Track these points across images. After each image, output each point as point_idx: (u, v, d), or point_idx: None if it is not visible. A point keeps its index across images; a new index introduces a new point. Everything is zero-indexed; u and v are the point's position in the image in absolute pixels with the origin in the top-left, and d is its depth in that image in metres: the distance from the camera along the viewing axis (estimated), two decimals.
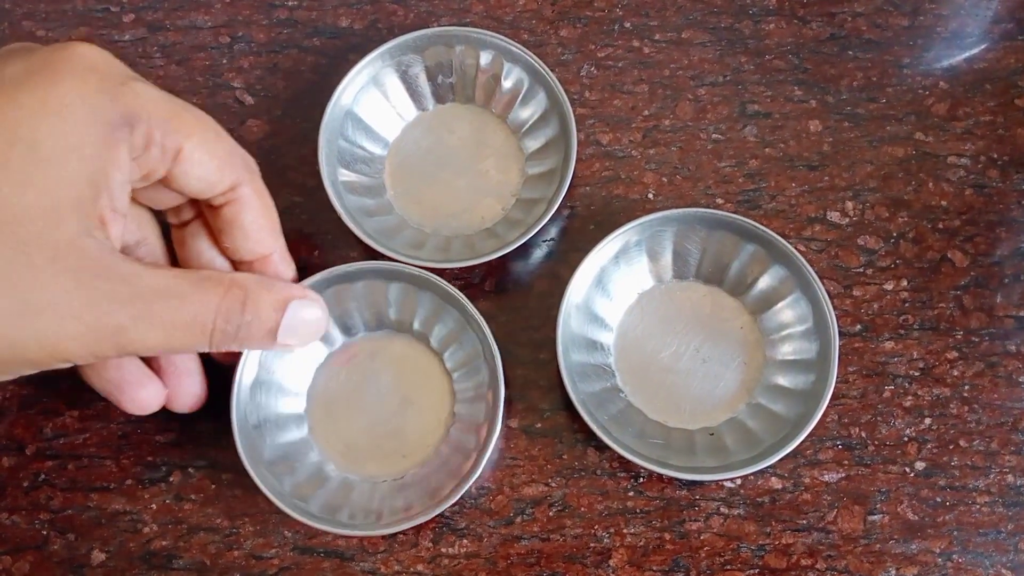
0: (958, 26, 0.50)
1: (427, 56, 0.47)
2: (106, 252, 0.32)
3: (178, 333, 0.34)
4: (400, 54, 0.47)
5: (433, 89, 0.48)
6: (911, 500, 0.43)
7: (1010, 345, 0.45)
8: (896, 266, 0.46)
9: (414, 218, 0.47)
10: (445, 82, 0.48)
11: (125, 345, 0.33)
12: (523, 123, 0.48)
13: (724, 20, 0.51)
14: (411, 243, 0.46)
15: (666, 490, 0.43)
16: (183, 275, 0.35)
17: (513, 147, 0.48)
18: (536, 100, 0.47)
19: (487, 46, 0.47)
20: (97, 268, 0.32)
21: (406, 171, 0.48)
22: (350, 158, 0.46)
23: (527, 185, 0.47)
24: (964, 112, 0.48)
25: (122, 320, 0.32)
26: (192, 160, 0.35)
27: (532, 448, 0.44)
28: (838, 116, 0.49)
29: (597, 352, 0.45)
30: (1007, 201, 0.47)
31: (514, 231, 0.44)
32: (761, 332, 0.45)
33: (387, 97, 0.48)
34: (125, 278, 0.32)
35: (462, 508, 0.43)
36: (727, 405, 0.44)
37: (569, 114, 0.45)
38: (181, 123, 0.35)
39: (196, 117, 0.36)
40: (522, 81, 0.47)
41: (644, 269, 0.45)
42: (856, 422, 0.44)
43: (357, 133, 0.47)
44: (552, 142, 0.46)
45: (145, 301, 0.33)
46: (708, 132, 0.49)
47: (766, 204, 0.47)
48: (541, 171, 0.47)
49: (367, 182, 0.47)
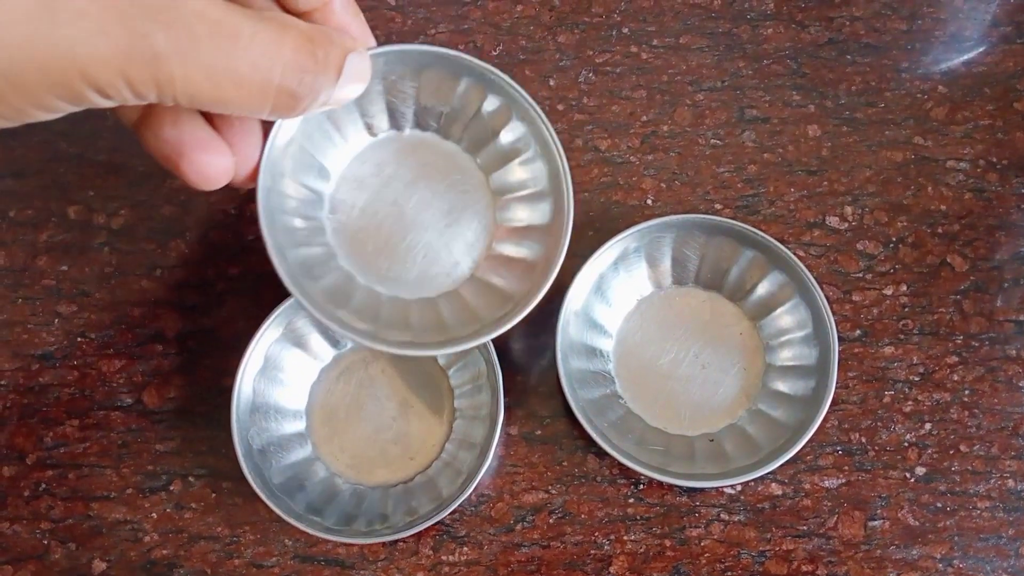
0: (956, 30, 0.50)
1: (424, 77, 0.39)
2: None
3: (230, 84, 0.28)
4: (392, 66, 0.38)
5: (415, 113, 0.40)
6: (912, 505, 0.43)
7: (1010, 350, 0.45)
8: (895, 271, 0.46)
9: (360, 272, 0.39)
10: (431, 110, 0.40)
11: (163, 81, 0.27)
12: (511, 188, 0.41)
13: (722, 25, 0.51)
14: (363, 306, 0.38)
15: (666, 496, 0.43)
16: (243, 12, 0.28)
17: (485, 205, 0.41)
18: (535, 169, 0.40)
19: (496, 90, 0.39)
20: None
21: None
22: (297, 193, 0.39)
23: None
24: (963, 116, 0.48)
25: (160, 47, 0.26)
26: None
27: (532, 455, 0.44)
28: (837, 121, 0.48)
29: (596, 359, 0.44)
30: (1006, 205, 0.47)
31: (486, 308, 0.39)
32: (760, 338, 0.45)
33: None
34: (172, 3, 0.27)
35: (462, 515, 0.43)
36: (727, 411, 0.44)
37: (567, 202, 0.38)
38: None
39: None
40: (526, 143, 0.40)
41: (643, 275, 0.45)
42: (856, 427, 0.44)
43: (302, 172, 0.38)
44: (536, 229, 0.40)
45: (191, 32, 0.27)
46: (706, 137, 0.49)
47: (765, 209, 0.47)
48: (511, 255, 0.40)
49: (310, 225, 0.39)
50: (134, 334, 0.46)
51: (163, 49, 0.26)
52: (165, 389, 0.45)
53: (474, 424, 0.43)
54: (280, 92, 0.29)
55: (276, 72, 0.28)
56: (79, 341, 0.46)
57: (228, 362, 0.44)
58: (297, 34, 0.29)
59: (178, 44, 0.26)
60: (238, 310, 0.46)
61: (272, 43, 0.28)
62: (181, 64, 0.26)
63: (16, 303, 0.46)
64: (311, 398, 0.44)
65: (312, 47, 0.29)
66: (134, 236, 0.47)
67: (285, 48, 0.28)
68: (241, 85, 0.28)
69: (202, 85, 0.27)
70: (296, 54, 0.28)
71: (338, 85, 0.31)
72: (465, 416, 0.43)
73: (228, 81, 0.27)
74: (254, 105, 0.29)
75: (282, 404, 0.43)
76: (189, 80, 0.27)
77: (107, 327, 0.46)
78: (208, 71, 0.27)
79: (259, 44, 0.28)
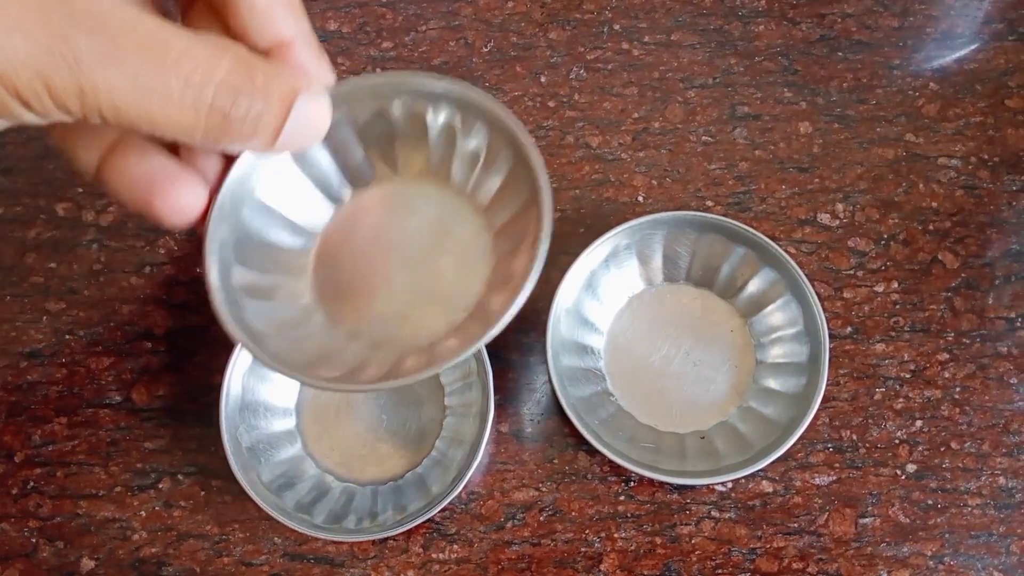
0: (948, 27, 0.50)
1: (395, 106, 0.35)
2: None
3: (158, 98, 0.25)
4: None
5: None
6: (902, 503, 0.43)
7: (1001, 347, 0.45)
8: (887, 268, 0.46)
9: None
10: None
11: (85, 89, 0.25)
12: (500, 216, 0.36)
13: (713, 22, 0.50)
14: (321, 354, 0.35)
15: (657, 494, 0.43)
16: (177, 29, 0.26)
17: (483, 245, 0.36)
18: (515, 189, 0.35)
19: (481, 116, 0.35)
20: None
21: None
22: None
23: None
24: (954, 113, 0.48)
25: (82, 51, 0.24)
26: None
27: (522, 452, 0.44)
28: (828, 118, 0.48)
29: (587, 356, 0.44)
30: (997, 202, 0.47)
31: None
32: (751, 335, 0.45)
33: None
34: (95, 10, 0.25)
35: (452, 513, 0.43)
36: (718, 409, 0.44)
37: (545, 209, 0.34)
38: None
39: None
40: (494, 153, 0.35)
41: (634, 272, 0.45)
42: (847, 425, 0.44)
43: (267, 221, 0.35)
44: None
45: (115, 42, 0.25)
46: (698, 134, 0.48)
47: (756, 206, 0.47)
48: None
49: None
50: (123, 332, 0.46)
51: (85, 54, 0.25)
52: (154, 387, 0.45)
53: (464, 421, 0.43)
54: (212, 112, 0.26)
55: (209, 90, 0.26)
56: (68, 339, 0.46)
57: (217, 359, 0.44)
58: (235, 55, 0.27)
59: (102, 50, 0.25)
60: None
61: (206, 60, 0.26)
62: (104, 72, 0.25)
63: (4, 300, 0.46)
64: (301, 395, 0.44)
65: (252, 71, 0.27)
66: (123, 233, 0.47)
67: (221, 67, 0.26)
68: (170, 100, 0.26)
69: (128, 96, 0.25)
70: (231, 75, 0.26)
71: (288, 126, 0.28)
72: (455, 413, 0.43)
73: (156, 95, 0.25)
74: (184, 124, 0.26)
75: (272, 402, 0.43)
76: (114, 90, 0.25)
77: (96, 324, 0.46)
78: (134, 81, 0.25)
79: (191, 60, 0.26)
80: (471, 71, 0.50)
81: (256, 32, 0.30)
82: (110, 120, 0.26)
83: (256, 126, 0.28)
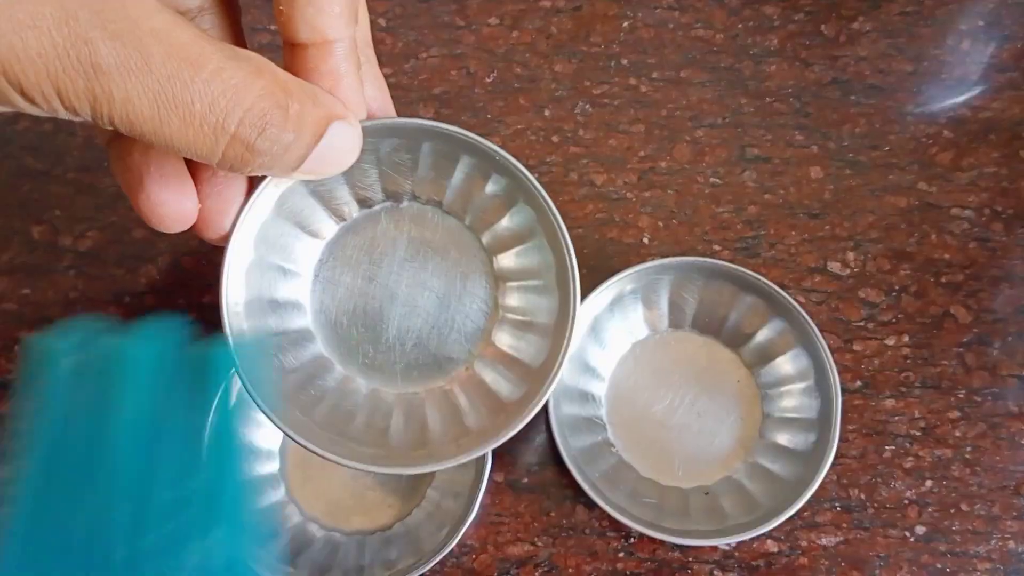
0: (962, 73, 0.49)
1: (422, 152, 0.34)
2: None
3: (177, 119, 0.24)
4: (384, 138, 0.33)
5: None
6: (911, 566, 0.41)
7: (1012, 406, 0.43)
8: (898, 321, 0.44)
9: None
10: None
11: (99, 98, 0.23)
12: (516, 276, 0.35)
13: (724, 60, 0.49)
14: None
15: (658, 551, 0.41)
16: (215, 44, 0.24)
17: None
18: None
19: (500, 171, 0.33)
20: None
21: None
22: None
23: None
24: (968, 163, 0.47)
25: (103, 57, 0.22)
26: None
27: (518, 504, 0.42)
28: (840, 163, 0.47)
29: (588, 404, 0.43)
30: (1011, 256, 0.46)
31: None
32: (759, 387, 0.43)
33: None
34: (128, 12, 0.23)
35: (443, 567, 0.41)
36: (723, 463, 0.42)
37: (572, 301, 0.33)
38: None
39: None
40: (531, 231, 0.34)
41: (639, 318, 0.44)
42: (855, 483, 0.42)
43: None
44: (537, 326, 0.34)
45: (144, 49, 0.23)
46: (706, 175, 0.47)
47: (765, 252, 0.45)
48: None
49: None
50: None
51: (106, 61, 0.22)
52: None
53: (459, 470, 0.41)
54: (235, 141, 0.24)
55: (235, 117, 0.24)
56: None
57: None
58: (273, 81, 0.25)
59: (126, 59, 0.23)
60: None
61: (240, 83, 0.24)
62: (123, 83, 0.23)
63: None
64: (285, 438, 0.42)
65: (287, 99, 0.25)
66: (102, 260, 0.45)
67: (252, 92, 0.24)
68: (190, 123, 0.24)
69: (144, 112, 0.23)
70: (264, 102, 0.24)
71: (314, 154, 0.27)
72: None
73: (176, 115, 0.24)
74: (201, 149, 0.25)
75: (255, 443, 0.41)
76: (130, 104, 0.23)
77: None
78: (155, 98, 0.23)
79: (223, 81, 0.24)
80: (472, 102, 0.48)
81: (304, 24, 0.27)
82: (121, 130, 0.24)
83: (281, 157, 0.26)
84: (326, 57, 0.28)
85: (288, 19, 0.27)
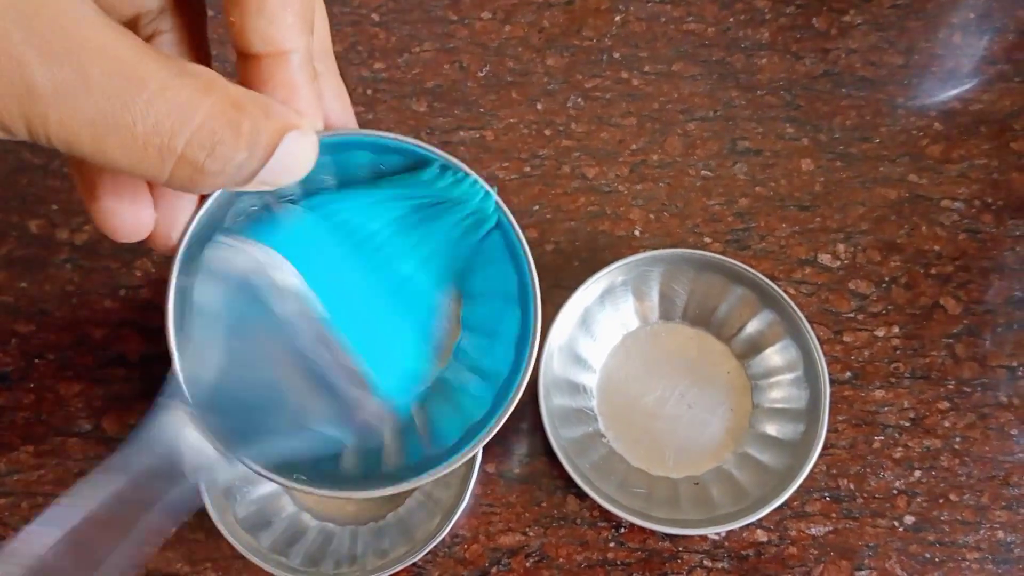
0: (953, 66, 0.49)
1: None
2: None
3: (119, 140, 0.22)
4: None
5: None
6: (899, 555, 0.41)
7: (1002, 396, 0.44)
8: (888, 312, 0.45)
9: None
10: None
11: (33, 121, 0.21)
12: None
13: (715, 53, 0.49)
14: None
15: (648, 541, 0.41)
16: (162, 58, 0.22)
17: None
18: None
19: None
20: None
21: None
22: None
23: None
24: (958, 155, 0.47)
25: (37, 80, 0.21)
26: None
27: (509, 495, 0.42)
28: (830, 155, 0.47)
29: (579, 395, 0.43)
30: (1001, 247, 0.46)
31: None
32: (748, 378, 0.43)
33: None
34: (65, 28, 0.21)
35: (435, 557, 0.41)
36: (713, 454, 0.42)
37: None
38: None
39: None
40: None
41: (630, 310, 0.44)
42: (844, 473, 0.42)
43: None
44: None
45: (82, 71, 0.21)
46: (697, 168, 0.47)
47: (755, 244, 0.46)
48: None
49: None
50: (95, 356, 0.44)
51: (41, 83, 0.21)
52: (126, 415, 0.43)
53: None
54: (183, 163, 0.23)
55: (182, 138, 0.22)
56: (36, 362, 0.44)
57: None
58: (223, 97, 0.23)
59: (62, 80, 0.21)
60: None
61: (186, 101, 0.22)
62: (60, 106, 0.21)
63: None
64: None
65: (239, 116, 0.23)
66: (98, 253, 0.45)
67: (200, 110, 0.22)
68: (133, 145, 0.22)
69: (83, 135, 0.21)
70: (213, 121, 0.23)
71: (268, 166, 0.25)
72: None
73: (116, 137, 0.22)
74: (148, 171, 0.23)
75: None
76: (65, 128, 0.21)
77: (66, 348, 0.44)
78: (92, 120, 0.21)
79: (167, 100, 0.22)
80: (465, 96, 0.48)
81: (256, 35, 0.26)
82: (61, 151, 0.22)
83: (232, 177, 0.24)
84: (280, 68, 0.27)
85: (240, 30, 0.26)
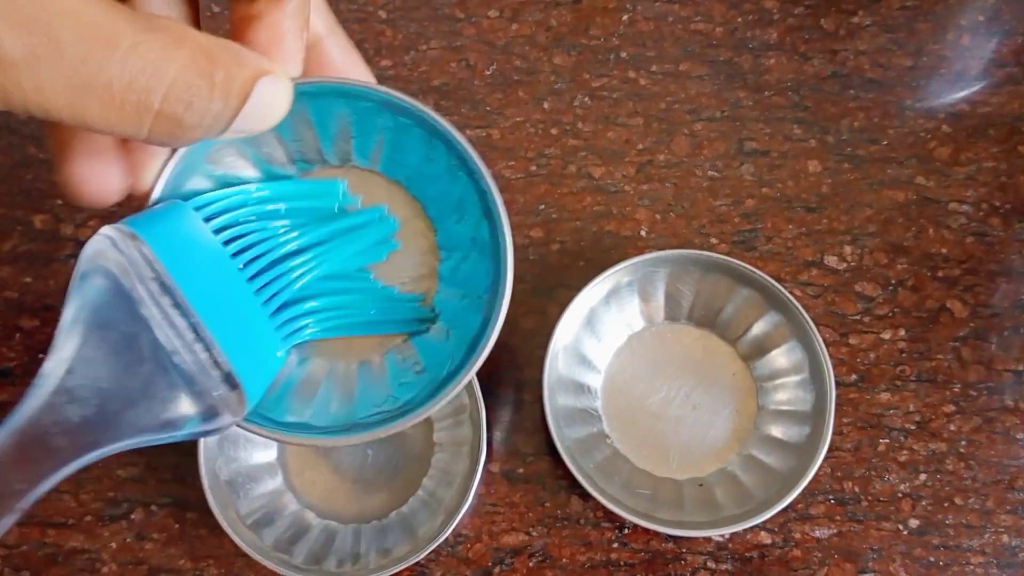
0: (962, 68, 0.49)
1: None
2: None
3: (96, 101, 0.22)
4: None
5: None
6: (904, 559, 0.41)
7: (1008, 400, 0.43)
8: (894, 315, 0.45)
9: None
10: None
11: (9, 88, 0.22)
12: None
13: (723, 53, 0.49)
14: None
15: (652, 542, 0.41)
16: (130, 15, 0.23)
17: None
18: None
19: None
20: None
21: None
22: None
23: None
24: (966, 157, 0.47)
25: (8, 48, 0.21)
26: None
27: (513, 494, 0.42)
28: (838, 157, 0.47)
29: (584, 395, 0.43)
30: (1008, 251, 0.46)
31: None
32: (754, 379, 0.43)
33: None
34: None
35: (438, 556, 0.41)
36: (717, 455, 0.42)
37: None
38: None
39: None
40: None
41: (635, 310, 0.44)
42: (849, 476, 0.42)
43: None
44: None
45: (52, 35, 0.21)
46: (704, 169, 0.47)
47: (762, 246, 0.46)
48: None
49: None
50: None
51: (12, 53, 0.21)
52: None
53: (455, 459, 0.41)
54: (161, 118, 0.23)
55: (158, 93, 0.22)
56: (41, 358, 0.43)
57: None
58: (194, 49, 0.23)
59: (33, 48, 0.21)
60: None
61: (159, 57, 0.22)
62: (33, 74, 0.21)
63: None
64: None
65: (211, 67, 0.23)
66: None
67: (174, 64, 0.22)
68: (109, 104, 0.22)
69: (59, 100, 0.22)
70: (187, 73, 0.23)
71: (241, 113, 0.25)
72: (445, 450, 0.42)
73: (94, 99, 0.22)
74: (127, 129, 0.23)
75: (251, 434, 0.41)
76: (42, 92, 0.21)
77: None
78: (68, 84, 0.21)
79: (140, 56, 0.22)
80: (472, 94, 0.48)
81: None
82: (40, 118, 0.22)
83: (211, 127, 0.24)
84: (274, 8, 0.27)
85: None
